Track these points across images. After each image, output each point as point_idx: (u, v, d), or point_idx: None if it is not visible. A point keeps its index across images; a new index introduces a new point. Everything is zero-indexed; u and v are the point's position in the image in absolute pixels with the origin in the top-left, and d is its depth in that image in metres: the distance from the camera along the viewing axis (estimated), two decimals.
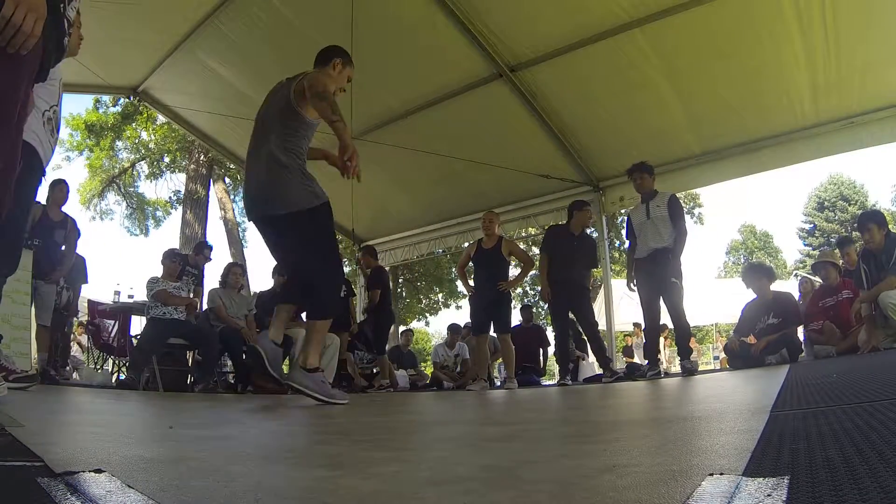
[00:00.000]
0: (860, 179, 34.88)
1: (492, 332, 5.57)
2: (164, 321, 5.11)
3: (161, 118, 12.14)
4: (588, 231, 5.75)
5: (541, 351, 8.01)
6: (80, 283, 6.28)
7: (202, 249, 6.66)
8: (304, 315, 6.12)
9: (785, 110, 5.35)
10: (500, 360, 6.80)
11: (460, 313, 21.80)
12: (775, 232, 50.10)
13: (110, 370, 6.49)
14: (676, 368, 5.73)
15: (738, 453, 0.85)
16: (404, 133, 6.44)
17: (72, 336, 7.01)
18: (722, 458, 0.85)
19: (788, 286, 10.16)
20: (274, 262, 5.98)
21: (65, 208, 5.04)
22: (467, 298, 5.62)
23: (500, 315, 5.35)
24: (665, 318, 4.93)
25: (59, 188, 5.01)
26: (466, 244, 8.27)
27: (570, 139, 6.33)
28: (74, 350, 7.58)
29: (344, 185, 6.83)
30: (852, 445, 0.81)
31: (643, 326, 5.19)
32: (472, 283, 5.68)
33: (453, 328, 8.22)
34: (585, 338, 5.95)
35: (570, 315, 5.66)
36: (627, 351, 11.44)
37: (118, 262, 52.67)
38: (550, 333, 6.68)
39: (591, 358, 8.67)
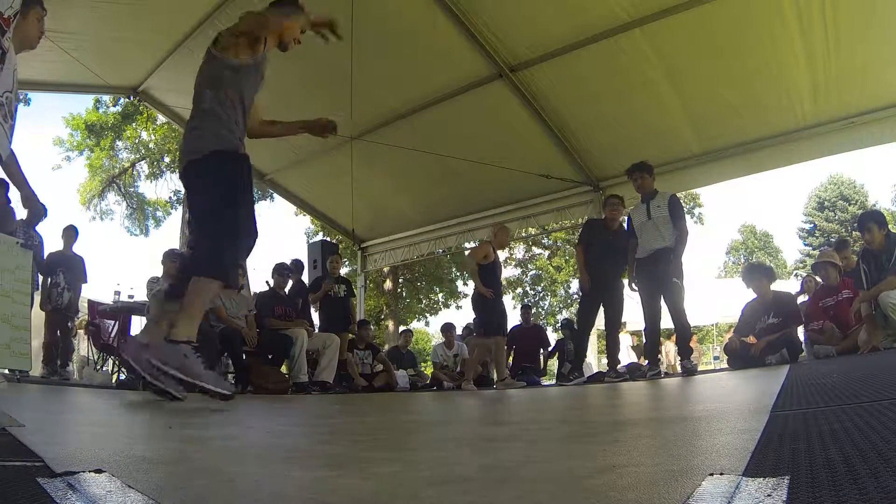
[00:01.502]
0: (860, 179, 34.77)
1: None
2: None
3: (161, 118, 12.12)
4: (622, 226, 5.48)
5: (541, 351, 8.00)
6: (79, 282, 6.29)
7: None
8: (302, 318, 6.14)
9: (785, 110, 5.35)
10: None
11: (460, 313, 21.74)
12: (775, 232, 49.93)
13: (110, 370, 6.49)
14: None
15: (739, 453, 0.85)
16: (404, 133, 6.44)
17: (75, 334, 7.01)
18: (722, 458, 0.85)
19: (788, 286, 10.16)
20: (274, 262, 6.00)
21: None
22: (483, 300, 5.55)
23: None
24: (666, 319, 4.92)
25: None
26: (467, 244, 8.27)
27: (570, 139, 6.33)
28: (83, 349, 7.57)
29: (344, 185, 6.89)
30: (852, 445, 0.80)
31: (643, 327, 5.17)
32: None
33: (447, 327, 8.13)
34: (606, 330, 5.84)
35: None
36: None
37: (118, 262, 52.52)
38: (550, 334, 6.68)
39: (587, 359, 8.67)
